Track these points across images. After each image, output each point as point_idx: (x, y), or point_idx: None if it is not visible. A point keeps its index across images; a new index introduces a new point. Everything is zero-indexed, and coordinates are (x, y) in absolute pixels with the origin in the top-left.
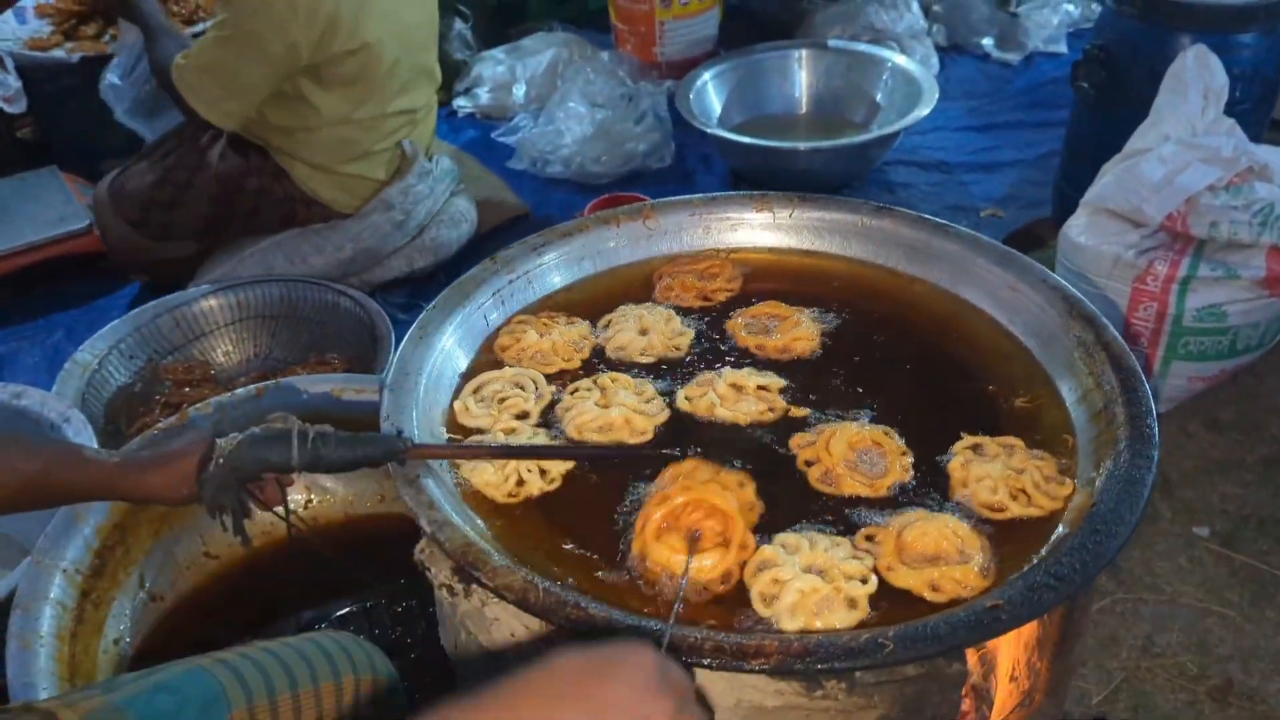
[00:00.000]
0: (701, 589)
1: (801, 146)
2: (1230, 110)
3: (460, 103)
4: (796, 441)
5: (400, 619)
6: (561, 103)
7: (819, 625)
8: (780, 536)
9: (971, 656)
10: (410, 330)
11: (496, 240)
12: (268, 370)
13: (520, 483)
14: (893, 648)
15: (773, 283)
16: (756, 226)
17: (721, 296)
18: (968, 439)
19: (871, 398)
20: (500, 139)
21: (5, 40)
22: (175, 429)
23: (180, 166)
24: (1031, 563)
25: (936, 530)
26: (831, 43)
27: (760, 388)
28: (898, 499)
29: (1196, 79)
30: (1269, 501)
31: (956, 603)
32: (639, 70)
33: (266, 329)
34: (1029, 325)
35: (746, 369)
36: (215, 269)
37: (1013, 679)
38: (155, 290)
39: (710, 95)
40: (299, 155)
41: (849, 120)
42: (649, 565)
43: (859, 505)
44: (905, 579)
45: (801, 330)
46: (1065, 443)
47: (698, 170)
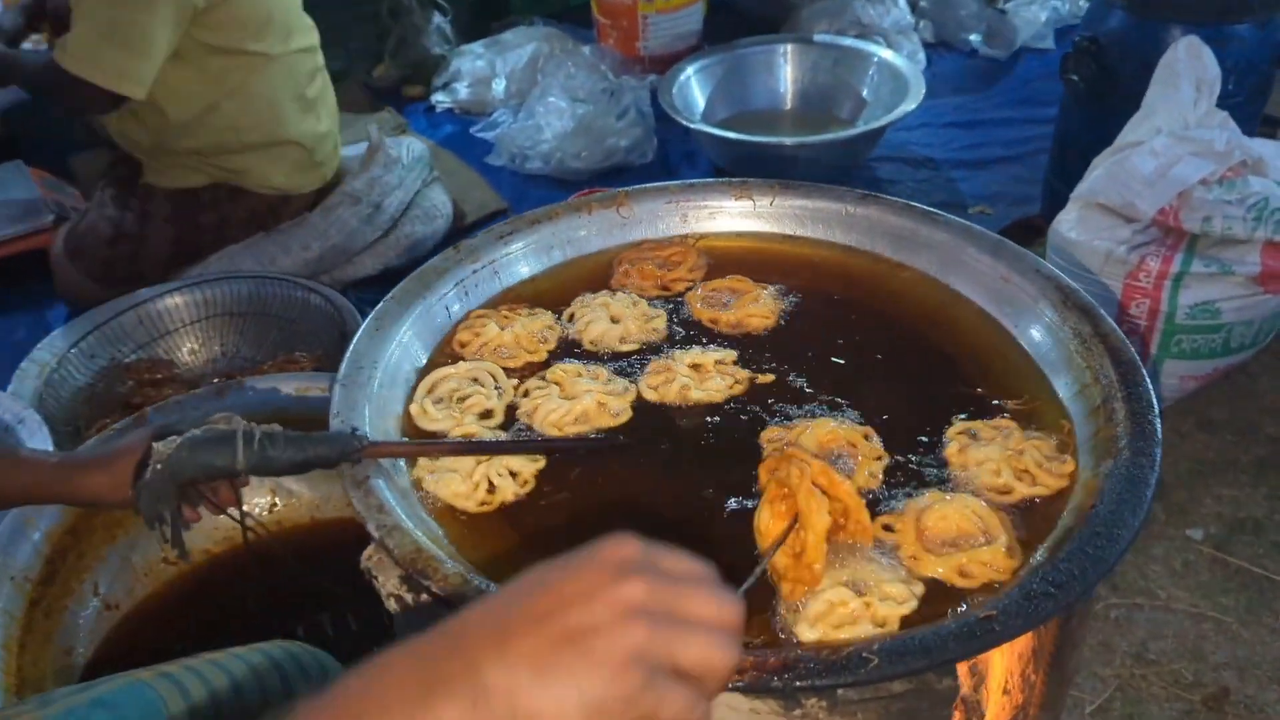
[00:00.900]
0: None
1: (787, 142)
2: (1223, 103)
3: (439, 98)
4: (768, 436)
5: (367, 626)
6: (541, 97)
7: (839, 638)
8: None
9: (961, 668)
10: (366, 322)
11: (475, 237)
12: (234, 369)
13: (491, 489)
14: (878, 662)
15: (744, 273)
16: (735, 214)
17: (681, 286)
18: (959, 424)
19: (837, 387)
20: (479, 135)
21: None
22: (131, 429)
23: (129, 217)
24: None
25: (956, 512)
26: (817, 37)
27: (718, 362)
28: (907, 485)
29: (1188, 71)
30: (1264, 504)
31: (989, 588)
32: (621, 65)
33: (234, 327)
34: (1022, 317)
35: (696, 349)
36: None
37: (1005, 692)
38: None
39: (694, 90)
40: (238, 135)
41: (835, 116)
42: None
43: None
44: (933, 567)
45: (758, 307)
46: (1062, 428)
47: (681, 166)
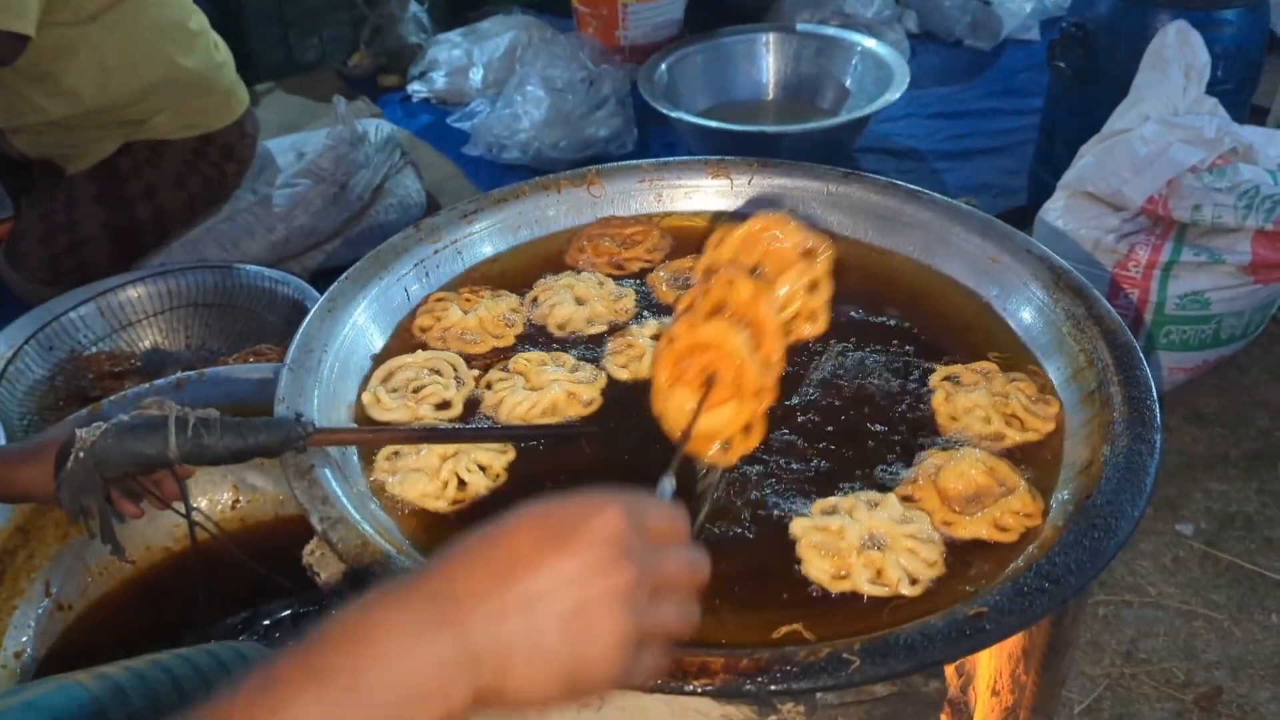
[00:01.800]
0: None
1: (769, 130)
2: (1212, 90)
3: (415, 87)
4: None
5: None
6: (519, 87)
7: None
8: (822, 502)
9: (948, 668)
10: (317, 305)
11: None
12: (199, 362)
13: (462, 485)
14: (859, 664)
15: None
16: (712, 194)
17: (636, 266)
18: (941, 370)
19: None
20: (456, 124)
21: None
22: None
23: (56, 209)
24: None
25: (970, 467)
26: (800, 27)
27: None
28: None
29: (1178, 57)
30: (1254, 498)
31: (1029, 536)
32: (601, 54)
33: (199, 318)
34: (1011, 298)
35: (652, 321)
36: (144, 262)
37: (995, 693)
38: None
39: (675, 79)
40: (135, 77)
41: (818, 106)
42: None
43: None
44: (969, 528)
45: None
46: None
47: (661, 156)
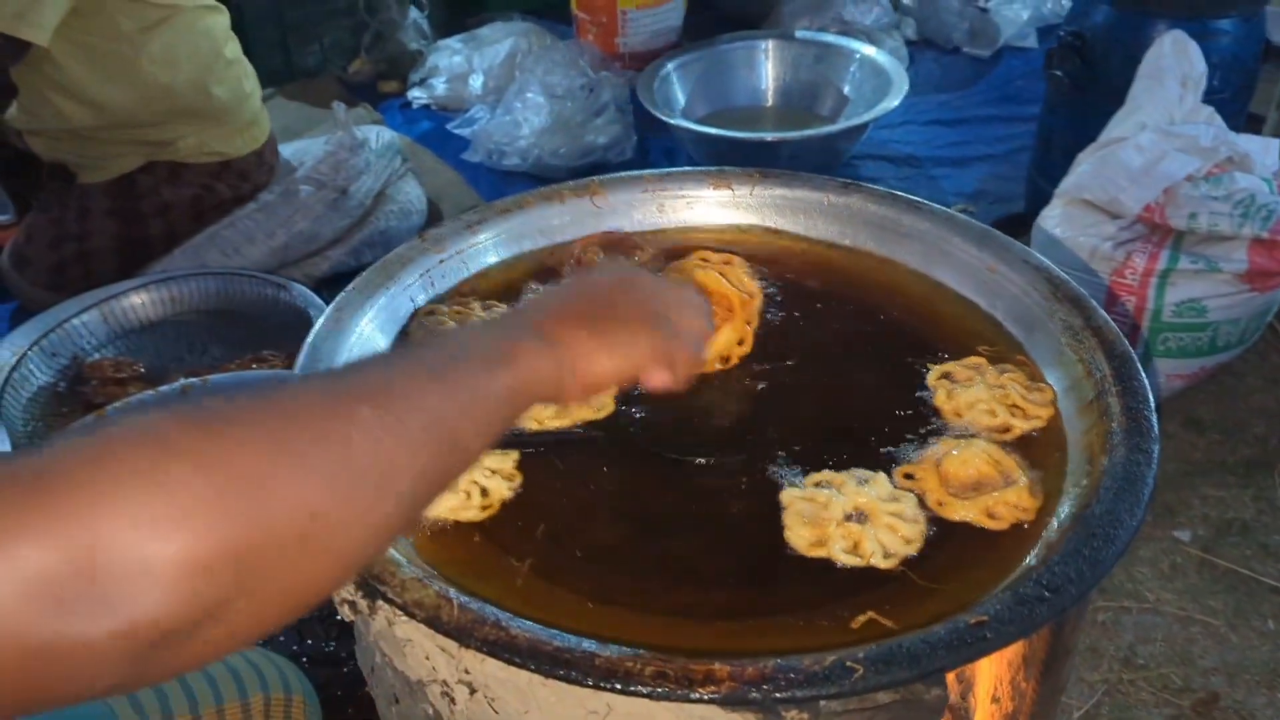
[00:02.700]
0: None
1: (767, 137)
2: (1208, 99)
3: (415, 94)
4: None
5: (335, 629)
6: (519, 93)
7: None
8: (815, 476)
9: (948, 675)
10: (324, 314)
11: None
12: (202, 368)
13: (485, 492)
14: (863, 672)
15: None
16: (714, 204)
17: None
18: (936, 369)
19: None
20: (456, 131)
21: None
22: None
23: (68, 216)
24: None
25: (976, 456)
26: (798, 34)
27: None
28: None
29: (1174, 66)
30: (1251, 505)
31: (1018, 528)
32: (600, 61)
33: (202, 325)
34: (1010, 309)
35: None
36: (147, 270)
37: (995, 700)
38: None
39: (674, 86)
40: (167, 99)
41: (816, 113)
42: None
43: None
44: (960, 511)
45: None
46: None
47: (661, 164)
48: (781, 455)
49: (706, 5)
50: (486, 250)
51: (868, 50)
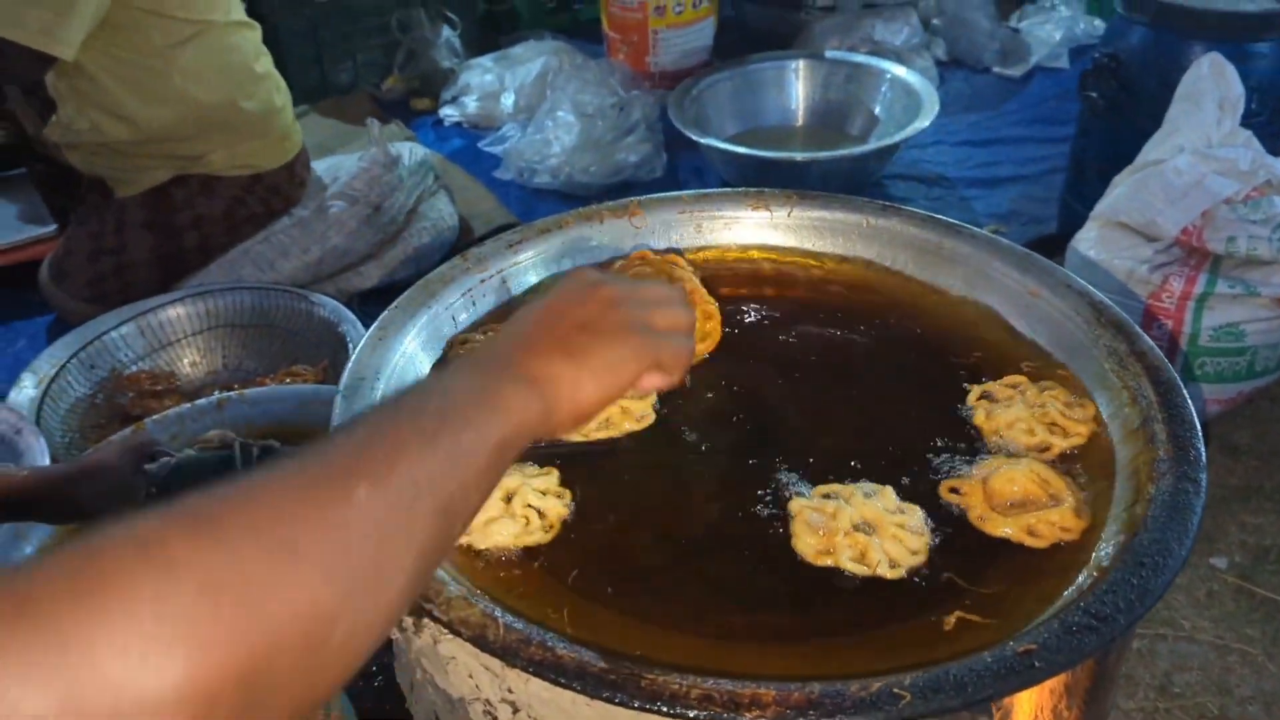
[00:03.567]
0: None
1: (798, 157)
2: (1246, 122)
3: (447, 111)
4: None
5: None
6: (550, 111)
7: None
8: (823, 487)
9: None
10: (368, 333)
11: None
12: (236, 381)
13: (542, 514)
14: (910, 699)
15: (743, 287)
16: (751, 225)
17: None
18: (976, 390)
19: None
20: (487, 148)
21: None
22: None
23: (106, 230)
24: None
25: (1023, 475)
26: (829, 54)
27: None
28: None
29: (1212, 89)
30: None
31: (1058, 548)
32: (631, 80)
33: (236, 338)
34: (1052, 334)
35: None
36: (183, 284)
37: None
38: None
39: (705, 105)
40: (198, 114)
41: (846, 133)
42: None
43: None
44: (1001, 526)
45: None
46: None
47: (690, 182)
48: (823, 472)
49: (737, 25)
50: (527, 270)
51: (898, 70)
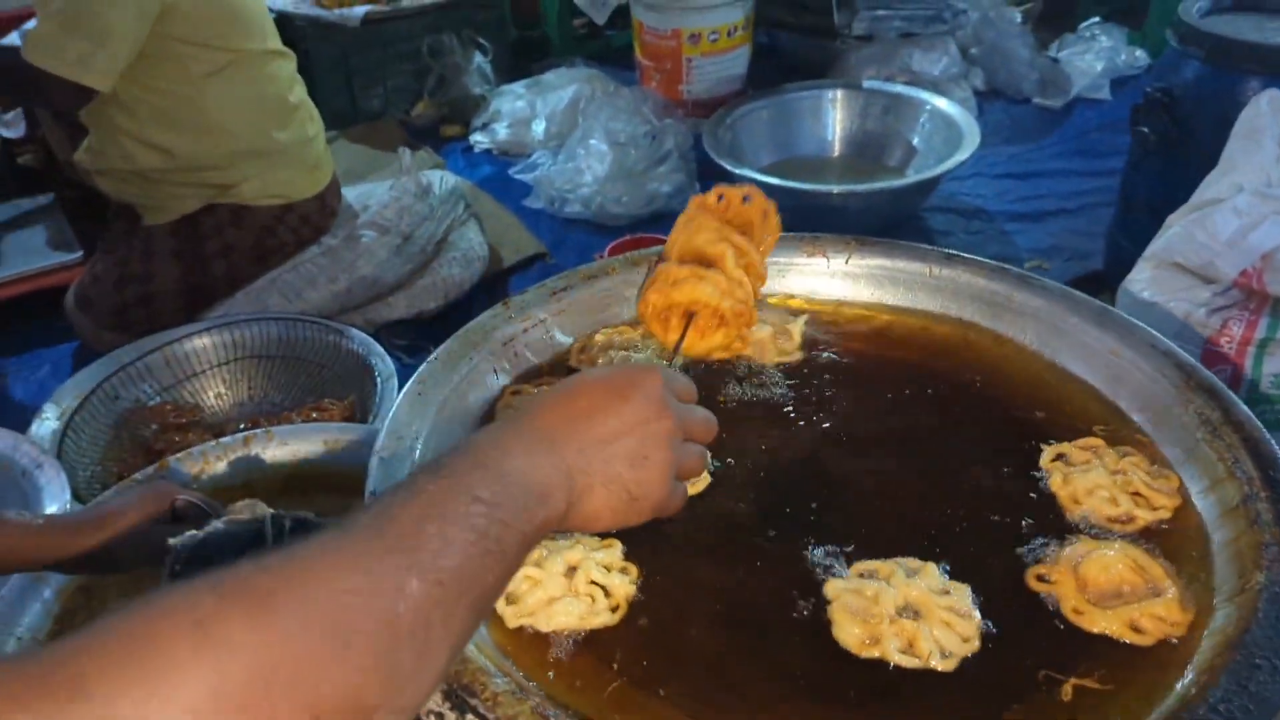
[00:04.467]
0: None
1: (835, 190)
2: None
3: (477, 138)
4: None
5: None
6: (582, 140)
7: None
8: (861, 565)
9: None
10: (407, 386)
11: (511, 281)
12: (261, 414)
13: (608, 592)
14: None
15: (816, 337)
16: (808, 273)
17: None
18: (1049, 450)
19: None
20: (518, 176)
21: None
22: (151, 479)
23: (133, 258)
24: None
25: (1118, 561)
26: (866, 84)
27: None
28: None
29: (1271, 126)
30: None
31: (1165, 645)
32: (664, 108)
33: (262, 370)
34: (1135, 396)
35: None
36: (209, 313)
37: None
38: None
39: (739, 135)
40: (231, 143)
41: (884, 164)
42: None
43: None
44: (1101, 622)
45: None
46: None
47: None
48: (885, 542)
49: (771, 54)
50: (572, 319)
51: (938, 101)
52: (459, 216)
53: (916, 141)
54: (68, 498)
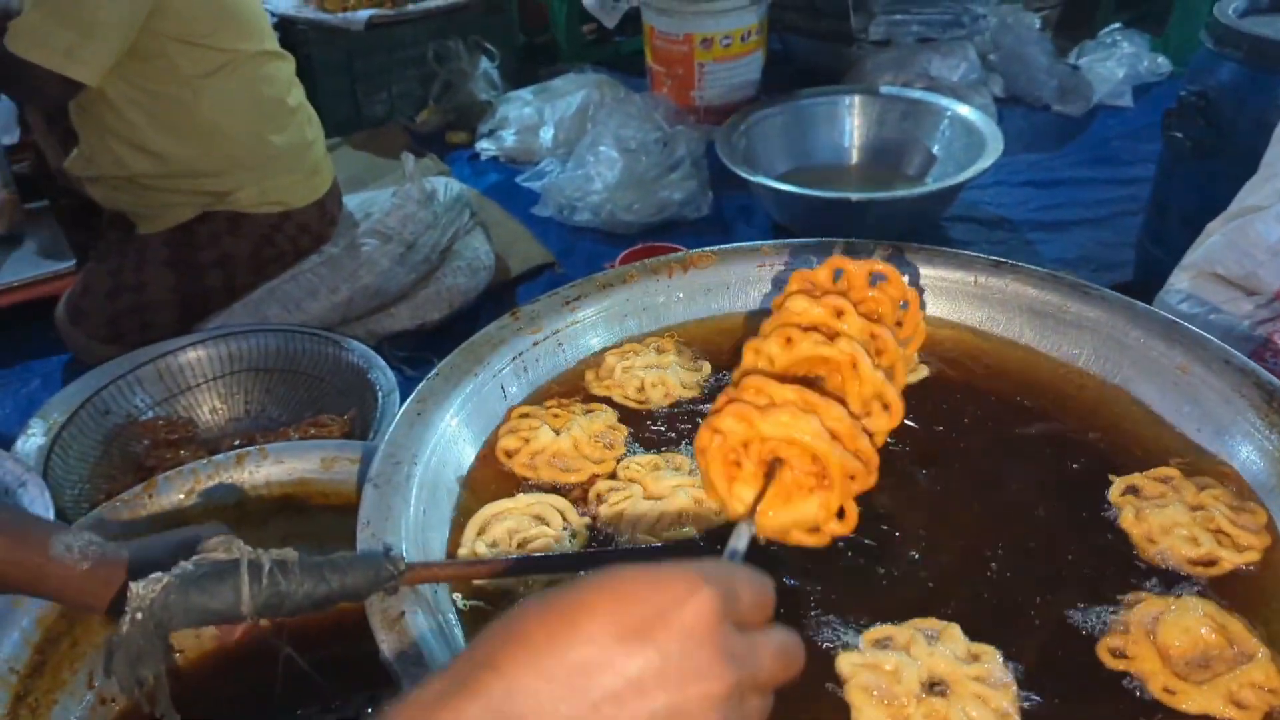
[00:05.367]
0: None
1: (853, 198)
2: None
3: (484, 145)
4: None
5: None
6: (591, 146)
7: None
8: (874, 632)
9: None
10: (405, 406)
11: (519, 291)
12: (257, 431)
13: None
14: None
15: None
16: None
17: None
18: (1119, 482)
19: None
20: (525, 184)
21: None
22: (136, 501)
23: (126, 267)
24: None
25: (1196, 622)
26: (884, 90)
27: None
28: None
29: None
30: None
31: (1271, 717)
32: (675, 114)
33: (260, 384)
34: (1208, 419)
35: None
36: (205, 325)
37: None
38: None
39: (754, 142)
40: (227, 147)
41: (902, 172)
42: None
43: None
44: (1199, 700)
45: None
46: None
47: (737, 221)
48: (938, 595)
49: (785, 59)
50: (586, 330)
51: (959, 108)
52: (464, 224)
53: (936, 149)
54: (51, 518)
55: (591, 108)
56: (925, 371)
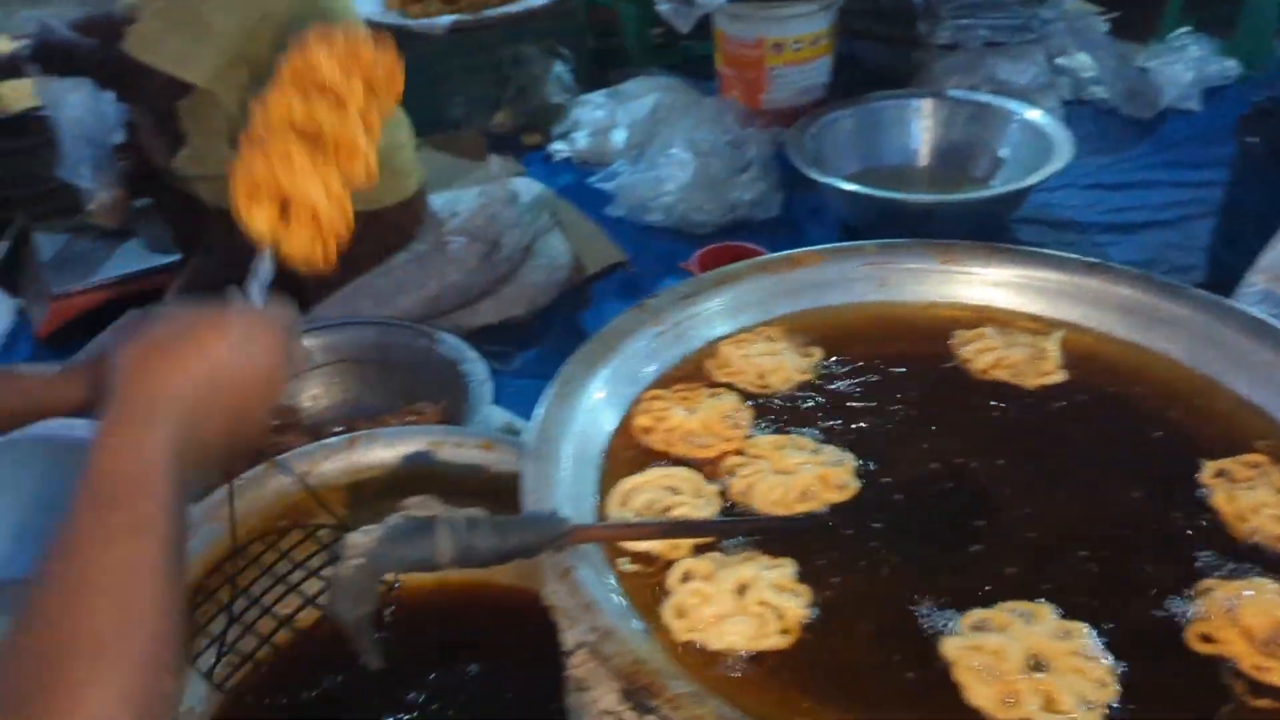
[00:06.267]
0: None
1: (923, 199)
2: None
3: (557, 146)
4: None
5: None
6: (663, 149)
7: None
8: (971, 616)
9: None
10: (547, 389)
11: (594, 289)
12: (356, 417)
13: (780, 614)
14: None
15: (936, 345)
16: (941, 281)
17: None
18: (1210, 465)
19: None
20: (597, 185)
21: None
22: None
23: (230, 261)
24: None
25: (1273, 599)
26: (952, 93)
27: None
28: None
29: None
30: None
31: None
32: (744, 117)
33: (356, 374)
34: None
35: None
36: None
37: None
38: None
39: (823, 144)
40: None
41: (970, 174)
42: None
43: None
44: None
45: None
46: None
47: (806, 222)
48: (1035, 571)
49: (852, 62)
50: (704, 322)
51: (1027, 111)
52: (544, 224)
53: (1004, 152)
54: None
55: (662, 110)
56: (1062, 376)
